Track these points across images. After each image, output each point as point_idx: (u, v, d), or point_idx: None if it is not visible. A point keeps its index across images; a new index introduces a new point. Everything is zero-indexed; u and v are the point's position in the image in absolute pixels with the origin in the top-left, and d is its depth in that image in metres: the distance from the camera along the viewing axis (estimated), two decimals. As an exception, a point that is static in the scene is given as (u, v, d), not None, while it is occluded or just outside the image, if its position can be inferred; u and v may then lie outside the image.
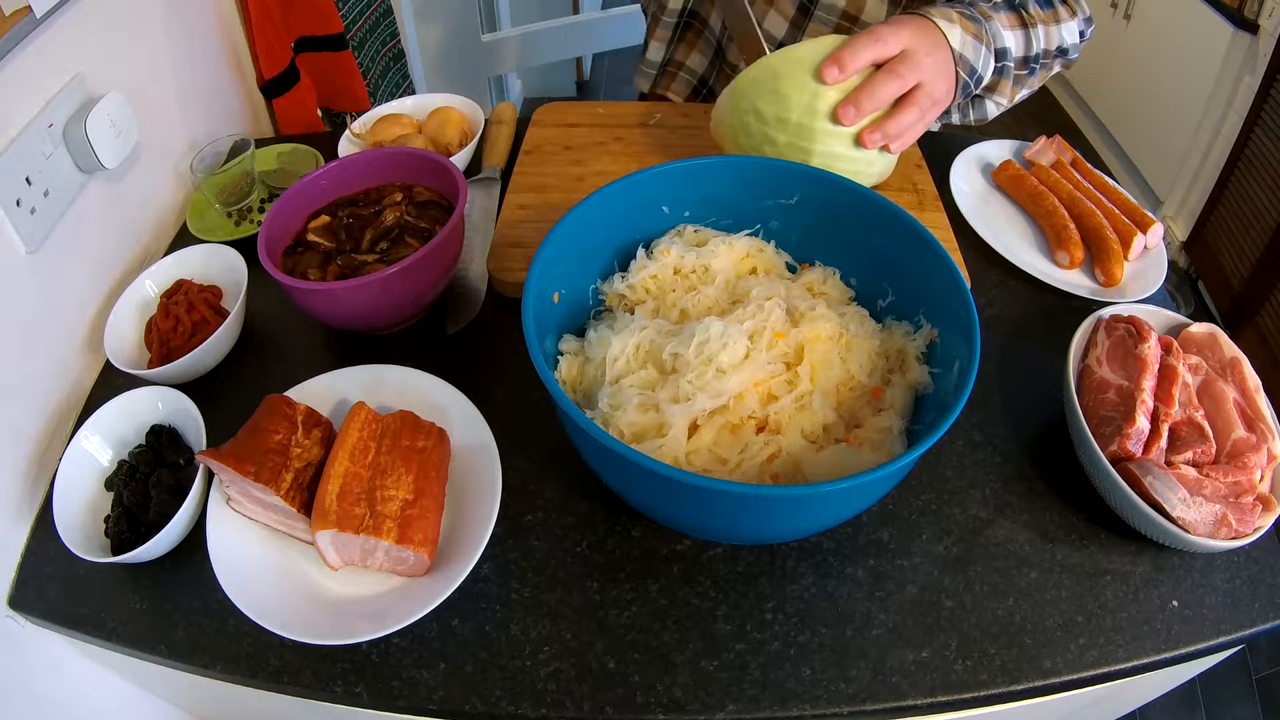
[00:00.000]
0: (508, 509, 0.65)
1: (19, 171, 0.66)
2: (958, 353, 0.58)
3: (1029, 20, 0.80)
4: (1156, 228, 0.86)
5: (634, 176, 0.66)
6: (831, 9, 0.91)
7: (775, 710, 0.56)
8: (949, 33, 0.72)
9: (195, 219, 0.89)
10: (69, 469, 0.65)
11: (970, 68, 0.74)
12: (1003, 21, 0.78)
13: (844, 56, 0.69)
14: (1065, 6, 0.84)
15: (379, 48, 1.40)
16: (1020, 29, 0.79)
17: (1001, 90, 0.81)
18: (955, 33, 0.72)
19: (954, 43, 0.72)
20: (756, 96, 0.74)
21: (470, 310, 0.80)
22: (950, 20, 0.73)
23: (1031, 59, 0.81)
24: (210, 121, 0.99)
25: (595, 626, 0.59)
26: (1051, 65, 0.84)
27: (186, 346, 0.73)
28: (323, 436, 0.62)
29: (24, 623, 0.64)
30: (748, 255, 0.71)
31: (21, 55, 0.67)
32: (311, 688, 0.57)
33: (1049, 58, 0.83)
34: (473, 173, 0.95)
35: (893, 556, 0.63)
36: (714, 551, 0.63)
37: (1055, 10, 0.83)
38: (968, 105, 0.83)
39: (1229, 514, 0.59)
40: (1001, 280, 0.84)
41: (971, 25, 0.74)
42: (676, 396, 0.57)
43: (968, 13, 0.75)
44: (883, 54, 0.70)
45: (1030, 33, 0.80)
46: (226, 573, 0.58)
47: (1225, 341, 0.71)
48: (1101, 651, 0.58)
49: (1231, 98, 2.04)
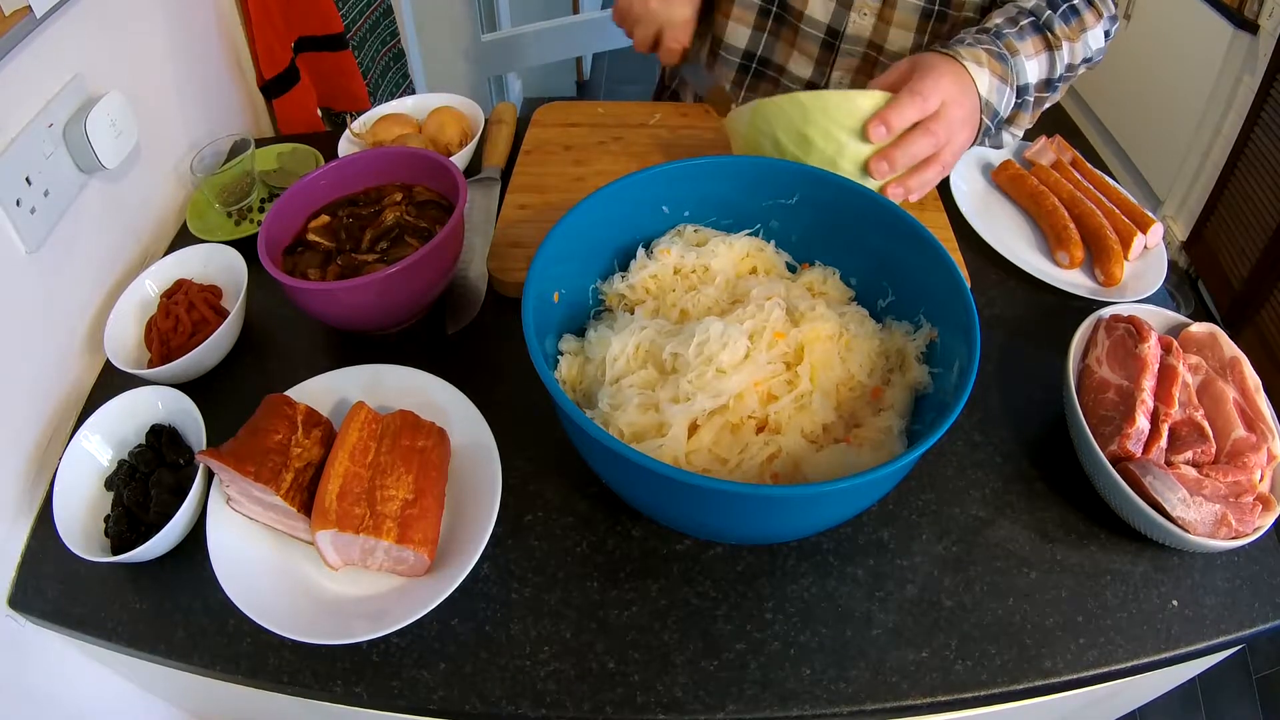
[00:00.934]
0: (508, 509, 0.65)
1: (19, 171, 0.66)
2: (958, 353, 0.58)
3: (1054, 43, 0.79)
4: (1156, 228, 0.86)
5: (634, 176, 0.66)
6: (857, 40, 0.90)
7: (775, 710, 0.56)
8: (978, 79, 0.72)
9: (195, 219, 0.89)
10: (69, 469, 0.65)
11: (994, 112, 0.74)
12: (1028, 51, 0.77)
13: (891, 118, 0.68)
14: (1091, 10, 0.82)
15: (379, 48, 1.40)
16: (1045, 53, 0.78)
17: (1019, 122, 0.80)
18: (984, 79, 0.72)
19: (982, 90, 0.72)
20: (778, 127, 0.73)
21: (470, 310, 0.80)
22: (980, 64, 0.72)
23: (1055, 80, 0.80)
24: (210, 121, 0.99)
25: (595, 626, 0.59)
26: (1075, 75, 0.83)
27: (186, 346, 0.73)
28: (323, 436, 0.62)
29: (24, 623, 0.64)
30: (748, 255, 0.71)
31: (21, 55, 0.67)
32: (311, 688, 0.57)
33: (1072, 71, 0.82)
34: (473, 173, 0.95)
35: (893, 556, 0.63)
36: (714, 551, 0.63)
37: (1081, 19, 0.81)
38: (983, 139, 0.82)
39: (1229, 514, 0.59)
40: (1001, 280, 0.84)
41: (999, 66, 0.73)
42: (676, 396, 0.57)
43: (996, 50, 0.74)
44: (925, 112, 0.69)
45: (1054, 55, 0.79)
46: (226, 573, 0.58)
47: (1225, 341, 0.71)
48: (1101, 651, 0.58)
49: (1231, 98, 2.04)
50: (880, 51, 0.90)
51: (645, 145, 0.94)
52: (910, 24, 0.88)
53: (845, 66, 0.93)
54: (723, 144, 0.93)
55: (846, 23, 0.89)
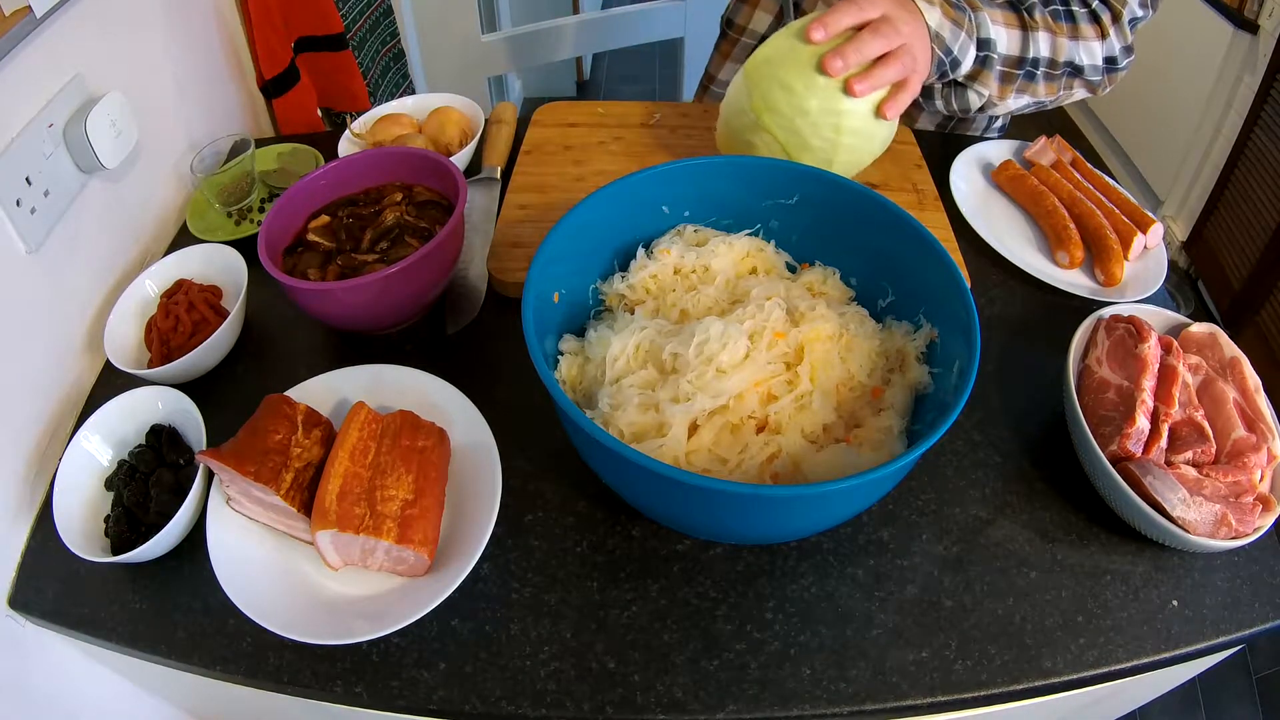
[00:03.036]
0: (508, 509, 0.65)
1: (19, 171, 0.66)
2: (958, 353, 0.58)
3: (1029, 24, 0.80)
4: (1156, 228, 0.86)
5: (634, 176, 0.66)
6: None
7: (775, 710, 0.56)
8: (927, 13, 0.74)
9: (195, 219, 0.89)
10: (69, 469, 0.65)
11: (946, 48, 0.76)
12: (994, 17, 0.79)
13: (827, 20, 0.71)
14: (1095, 27, 0.83)
15: (379, 48, 1.40)
16: (1017, 29, 0.79)
17: (984, 81, 0.81)
18: (934, 14, 0.75)
19: (931, 21, 0.74)
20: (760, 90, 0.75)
21: (470, 310, 0.80)
22: (930, 2, 0.75)
23: (1028, 61, 0.80)
24: (210, 121, 0.99)
25: (595, 626, 0.59)
26: (1060, 79, 0.83)
27: (186, 346, 0.73)
28: (323, 436, 0.62)
29: (24, 623, 0.64)
30: (748, 255, 0.71)
31: (21, 55, 0.67)
32: (311, 688, 0.57)
33: (1055, 69, 0.82)
34: (473, 173, 0.95)
35: (893, 556, 0.63)
36: (714, 551, 0.63)
37: (1076, 26, 0.82)
38: (949, 92, 0.84)
39: (1229, 514, 0.59)
40: (1001, 280, 0.84)
41: (952, 11, 0.76)
42: (676, 396, 0.57)
43: (953, 0, 0.77)
44: (863, 18, 0.71)
45: (1029, 35, 0.80)
46: (226, 573, 0.58)
47: (1225, 341, 0.71)
48: (1101, 651, 0.58)
49: (1231, 98, 2.04)
50: None
51: (645, 145, 0.94)
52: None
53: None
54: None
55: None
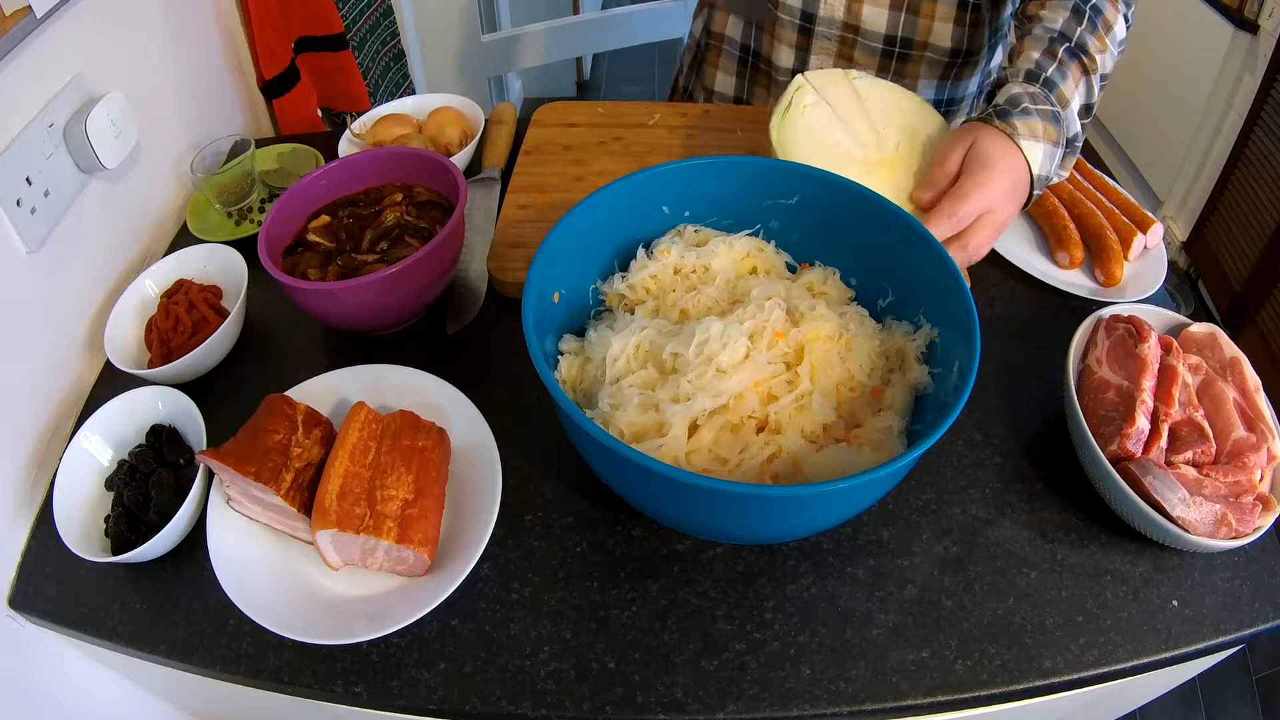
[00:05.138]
0: (508, 509, 0.65)
1: (19, 171, 0.66)
2: (958, 353, 0.58)
3: (1090, 66, 0.73)
4: (1156, 228, 0.86)
5: (634, 176, 0.66)
6: (831, 23, 0.92)
7: (775, 710, 0.56)
8: (1031, 156, 0.68)
9: (195, 219, 0.89)
10: (69, 469, 0.65)
11: (1044, 180, 0.70)
12: (1070, 89, 0.72)
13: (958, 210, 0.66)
14: (1112, 5, 0.77)
15: (379, 48, 1.40)
16: (1082, 81, 0.73)
17: (1066, 166, 0.74)
18: (1038, 153, 0.69)
19: (1035, 167, 0.69)
20: None
21: (470, 310, 0.80)
22: (1036, 139, 0.68)
23: (1093, 104, 0.75)
24: (210, 121, 0.99)
25: (595, 626, 0.59)
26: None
27: (187, 346, 0.73)
28: (323, 436, 0.62)
29: (24, 623, 0.64)
30: (748, 255, 0.71)
31: (21, 55, 0.67)
32: (311, 688, 0.57)
33: (1105, 80, 0.76)
34: (473, 173, 0.95)
35: (893, 556, 0.63)
36: (714, 551, 0.63)
37: (1105, 18, 0.76)
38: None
39: (1229, 514, 0.59)
40: (1001, 280, 0.84)
41: (1054, 130, 0.69)
42: (676, 396, 0.57)
43: (1051, 110, 0.70)
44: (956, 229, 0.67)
45: (1090, 80, 0.74)
46: (226, 573, 0.58)
47: (1225, 341, 0.71)
48: (1101, 651, 0.58)
49: (1231, 98, 2.04)
50: (857, 32, 0.92)
51: (645, 145, 0.94)
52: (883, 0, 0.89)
53: (822, 50, 0.95)
54: (722, 144, 0.93)
55: (819, 6, 0.91)
